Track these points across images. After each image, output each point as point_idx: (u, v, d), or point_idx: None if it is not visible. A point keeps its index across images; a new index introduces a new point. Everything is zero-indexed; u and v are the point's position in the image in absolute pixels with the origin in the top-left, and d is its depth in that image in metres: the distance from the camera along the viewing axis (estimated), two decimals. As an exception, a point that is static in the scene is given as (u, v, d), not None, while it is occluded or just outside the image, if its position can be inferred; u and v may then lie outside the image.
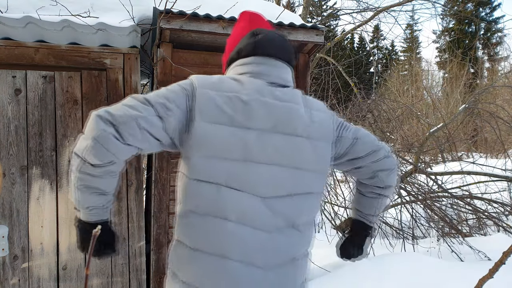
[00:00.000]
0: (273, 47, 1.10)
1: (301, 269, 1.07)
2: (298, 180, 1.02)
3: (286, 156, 1.00)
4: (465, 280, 2.43)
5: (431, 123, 8.01)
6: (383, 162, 1.18)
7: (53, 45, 2.43)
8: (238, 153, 0.96)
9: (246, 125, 0.98)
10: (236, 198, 0.96)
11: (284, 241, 1.00)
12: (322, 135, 1.08)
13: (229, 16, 2.61)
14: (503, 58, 19.31)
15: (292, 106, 1.04)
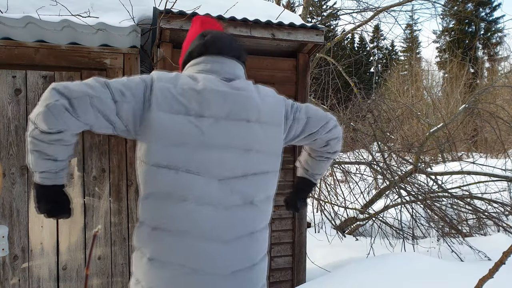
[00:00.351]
0: (221, 45, 1.19)
1: (260, 242, 1.16)
2: (253, 161, 1.12)
3: (240, 140, 1.10)
4: (465, 280, 2.42)
5: (431, 123, 8.00)
6: (333, 131, 1.34)
7: (53, 45, 2.43)
8: (194, 140, 1.05)
9: (201, 113, 1.07)
10: (194, 181, 1.05)
11: (242, 217, 1.10)
12: (273, 120, 1.18)
13: (229, 16, 2.61)
14: (503, 58, 19.31)
15: (246, 93, 1.14)
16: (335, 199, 6.45)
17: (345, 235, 5.61)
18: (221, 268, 1.07)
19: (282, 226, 3.05)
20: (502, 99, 12.63)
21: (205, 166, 1.06)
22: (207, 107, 1.08)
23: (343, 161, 5.96)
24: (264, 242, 1.20)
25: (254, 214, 1.14)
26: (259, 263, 1.16)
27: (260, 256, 1.17)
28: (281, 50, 3.06)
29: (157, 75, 1.10)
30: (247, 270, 1.11)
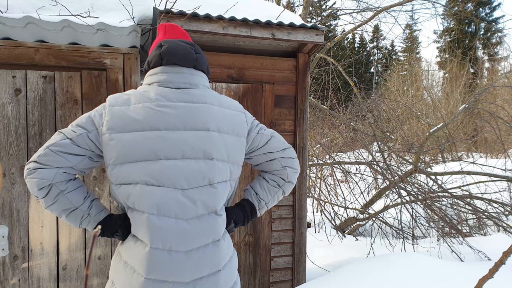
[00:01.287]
0: (176, 56, 1.23)
1: (224, 248, 1.20)
2: (214, 170, 1.16)
3: (199, 150, 1.15)
4: (465, 280, 2.42)
5: (431, 123, 8.00)
6: (292, 161, 1.37)
7: (53, 45, 2.43)
8: (151, 154, 1.12)
9: (156, 127, 1.13)
10: (156, 193, 1.11)
11: (205, 226, 1.15)
12: (234, 130, 1.23)
13: (229, 16, 2.61)
14: (503, 58, 19.29)
15: (200, 105, 1.19)
16: (335, 199, 6.45)
17: (345, 235, 5.61)
18: (183, 276, 1.12)
19: (282, 226, 3.05)
20: (502, 99, 12.63)
21: (166, 178, 1.12)
22: (162, 121, 1.13)
23: (343, 161, 5.96)
24: (227, 246, 1.24)
25: (217, 222, 1.18)
26: (224, 268, 1.20)
27: (225, 261, 1.21)
28: (281, 50, 3.06)
29: (111, 101, 1.18)
30: (212, 276, 1.16)
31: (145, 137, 1.12)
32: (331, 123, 8.72)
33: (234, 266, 1.27)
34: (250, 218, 1.38)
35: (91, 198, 1.23)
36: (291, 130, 3.04)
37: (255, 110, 2.93)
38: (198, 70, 1.28)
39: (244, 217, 1.36)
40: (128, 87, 2.61)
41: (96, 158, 1.19)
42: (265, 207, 1.41)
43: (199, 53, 1.30)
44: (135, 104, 1.16)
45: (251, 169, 2.94)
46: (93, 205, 1.22)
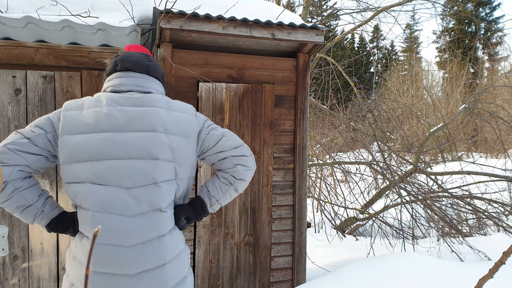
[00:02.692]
0: (129, 62, 1.34)
1: (171, 243, 1.26)
2: (160, 169, 1.23)
3: (144, 150, 1.22)
4: (465, 280, 2.42)
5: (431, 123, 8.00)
6: (243, 158, 1.40)
7: (53, 45, 2.43)
8: (97, 154, 1.20)
9: (100, 129, 1.21)
10: (102, 192, 1.19)
11: (149, 223, 1.21)
12: (182, 131, 1.29)
13: (229, 16, 2.61)
14: (503, 58, 19.28)
15: (149, 108, 1.27)
16: (335, 199, 6.45)
17: (345, 235, 5.61)
18: (128, 269, 1.18)
19: (282, 226, 3.05)
20: (502, 99, 12.63)
21: (112, 177, 1.20)
22: (109, 123, 1.22)
23: (343, 161, 5.96)
24: (176, 241, 1.29)
25: (161, 219, 1.24)
26: (170, 262, 1.25)
27: (171, 255, 1.26)
28: (281, 50, 3.06)
29: (66, 106, 1.27)
30: (157, 270, 1.22)
31: (93, 138, 1.20)
32: (331, 123, 8.72)
33: (183, 261, 1.32)
34: (202, 214, 1.43)
35: (46, 196, 1.30)
36: (291, 130, 3.04)
37: (255, 110, 2.93)
38: (151, 76, 1.38)
39: (195, 213, 1.40)
40: (128, 87, 2.61)
41: (52, 158, 1.26)
42: (217, 204, 1.45)
43: (152, 61, 1.41)
44: (87, 108, 1.25)
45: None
46: (47, 203, 1.29)
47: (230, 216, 2.91)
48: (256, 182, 2.96)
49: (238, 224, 2.93)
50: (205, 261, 2.85)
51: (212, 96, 2.82)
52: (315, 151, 7.84)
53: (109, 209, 1.19)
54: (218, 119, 2.85)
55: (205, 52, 2.81)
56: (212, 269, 2.87)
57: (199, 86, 2.78)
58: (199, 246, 2.82)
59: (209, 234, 2.85)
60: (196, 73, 2.73)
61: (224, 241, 2.90)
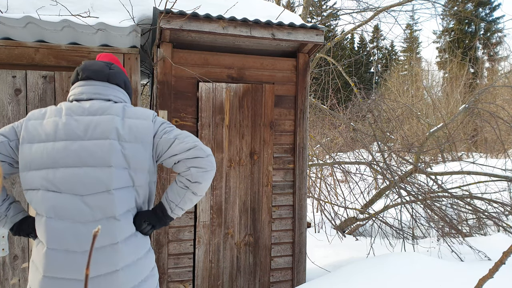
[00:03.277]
0: (89, 71, 1.38)
1: (124, 251, 1.26)
2: (111, 177, 1.24)
3: (98, 158, 1.24)
4: (465, 280, 2.42)
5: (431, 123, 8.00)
6: (197, 160, 1.34)
7: (53, 45, 2.43)
8: (49, 162, 1.23)
9: (57, 138, 1.25)
10: (55, 199, 1.22)
11: (102, 230, 1.22)
12: (136, 138, 1.31)
13: (229, 16, 2.61)
14: (503, 58, 19.28)
15: (104, 117, 1.30)
16: (335, 199, 6.45)
17: (345, 235, 5.61)
18: (79, 274, 1.21)
19: (282, 226, 3.05)
20: (502, 99, 12.63)
21: (65, 185, 1.23)
22: (66, 132, 1.26)
23: (343, 161, 5.96)
24: (134, 247, 1.30)
25: (115, 227, 1.25)
26: (124, 269, 1.26)
27: (126, 262, 1.27)
28: (281, 50, 3.06)
29: (30, 115, 1.33)
30: (108, 276, 1.23)
31: (50, 147, 1.25)
32: (331, 123, 8.72)
33: (143, 266, 1.33)
34: (164, 219, 1.42)
35: (10, 201, 1.34)
36: (291, 130, 3.04)
37: (255, 110, 2.93)
38: (112, 84, 1.41)
39: (157, 219, 1.40)
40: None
41: (16, 164, 1.30)
42: (177, 208, 1.41)
43: (114, 69, 1.44)
44: (48, 118, 1.30)
45: (251, 170, 2.94)
46: (11, 207, 1.34)
47: (230, 216, 2.91)
48: (256, 182, 2.96)
49: (238, 224, 2.93)
50: (205, 261, 2.85)
51: (212, 96, 2.82)
52: (315, 151, 7.85)
53: (62, 215, 1.22)
54: (218, 119, 2.85)
55: (205, 52, 2.81)
56: (212, 269, 2.87)
57: (199, 86, 2.78)
58: (199, 246, 2.82)
59: (209, 234, 2.85)
60: (196, 73, 2.73)
61: (224, 241, 2.90)
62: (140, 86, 3.42)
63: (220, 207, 2.87)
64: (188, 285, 2.80)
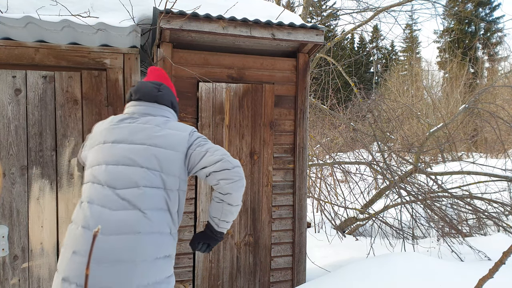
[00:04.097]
0: (140, 93, 1.61)
1: (146, 243, 1.38)
2: (142, 176, 1.42)
3: (133, 159, 1.44)
4: (465, 280, 2.42)
5: (431, 123, 8.00)
6: (225, 172, 1.47)
7: (53, 45, 2.43)
8: (99, 161, 1.47)
9: (108, 141, 1.50)
10: (95, 189, 1.43)
11: (127, 218, 1.37)
12: (171, 146, 1.48)
13: (229, 16, 2.61)
14: (503, 58, 19.27)
15: (146, 126, 1.51)
16: (335, 199, 6.45)
17: (345, 235, 5.61)
18: (101, 255, 1.33)
19: (282, 226, 3.05)
20: (502, 99, 12.63)
21: (105, 179, 1.43)
22: (112, 137, 1.50)
23: (343, 161, 5.96)
24: (153, 245, 1.40)
25: (138, 218, 1.39)
26: (142, 262, 1.36)
27: (144, 256, 1.36)
28: (281, 50, 3.06)
29: (97, 124, 1.63)
30: (127, 264, 1.33)
31: (100, 148, 1.50)
32: (331, 123, 8.73)
33: (159, 269, 1.41)
34: (214, 236, 1.58)
35: None
36: (291, 130, 3.04)
37: (255, 110, 2.93)
38: (160, 104, 1.61)
39: (208, 237, 1.59)
40: (128, 87, 2.61)
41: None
42: (222, 222, 1.55)
43: (162, 91, 1.63)
44: (106, 125, 1.56)
45: (251, 170, 2.94)
46: None
47: (230, 216, 2.91)
48: (256, 182, 2.96)
49: (238, 224, 2.93)
50: (205, 261, 2.85)
51: (212, 96, 2.82)
52: (315, 151, 7.84)
53: (98, 203, 1.40)
54: (218, 119, 2.85)
55: (205, 52, 2.81)
56: (212, 269, 2.87)
57: (199, 86, 2.78)
58: (199, 246, 2.82)
59: (209, 234, 2.85)
60: (196, 73, 2.73)
61: (224, 241, 2.90)
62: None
63: (220, 207, 2.87)
64: (188, 285, 2.80)
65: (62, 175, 2.47)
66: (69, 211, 2.49)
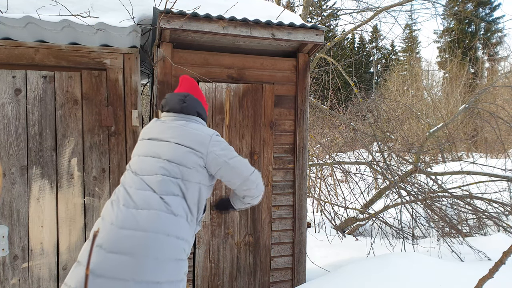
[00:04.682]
0: (169, 106, 1.87)
1: (164, 220, 1.58)
2: (164, 167, 1.67)
3: (158, 153, 1.71)
4: (465, 280, 2.43)
5: (431, 123, 8.00)
6: (249, 191, 1.82)
7: (53, 45, 2.43)
8: (138, 153, 1.77)
9: (145, 138, 1.81)
10: (130, 176, 1.70)
11: (150, 198, 1.61)
12: (186, 142, 1.72)
13: (229, 16, 2.61)
14: (503, 58, 19.26)
15: (171, 125, 1.78)
16: (335, 199, 6.45)
17: (345, 235, 5.61)
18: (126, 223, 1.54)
19: (282, 226, 3.05)
20: (502, 99, 12.63)
21: (138, 168, 1.71)
22: (147, 135, 1.80)
23: (343, 161, 5.96)
24: (169, 223, 1.59)
25: (159, 200, 1.61)
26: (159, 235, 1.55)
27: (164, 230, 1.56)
28: (281, 50, 3.06)
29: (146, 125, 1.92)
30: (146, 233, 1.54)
31: (138, 144, 1.84)
32: (331, 123, 8.72)
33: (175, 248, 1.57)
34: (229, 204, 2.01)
35: None
36: (291, 130, 3.04)
37: (255, 110, 2.93)
38: (186, 114, 1.86)
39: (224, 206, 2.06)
40: (128, 87, 2.61)
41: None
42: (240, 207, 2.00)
43: (187, 103, 1.87)
44: (150, 126, 1.87)
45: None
46: None
47: (230, 216, 2.91)
48: (256, 182, 2.96)
49: (238, 224, 2.93)
50: (205, 261, 2.85)
51: (212, 96, 2.82)
52: (315, 151, 7.84)
53: (134, 186, 1.65)
54: (218, 119, 2.85)
55: (205, 52, 2.81)
56: (212, 269, 2.87)
57: (199, 86, 2.78)
58: (199, 246, 2.82)
59: (209, 234, 2.85)
60: (196, 73, 2.73)
61: (224, 241, 2.90)
62: (140, 86, 3.42)
63: (220, 207, 2.88)
64: (188, 285, 2.80)
65: (62, 175, 2.47)
66: (69, 211, 2.49)
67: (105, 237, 1.51)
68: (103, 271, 1.42)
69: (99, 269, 1.42)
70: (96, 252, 1.46)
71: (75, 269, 1.50)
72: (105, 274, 1.42)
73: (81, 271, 1.46)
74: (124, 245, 1.48)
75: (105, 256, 1.45)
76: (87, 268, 0.42)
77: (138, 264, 1.45)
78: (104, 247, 1.48)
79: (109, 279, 1.41)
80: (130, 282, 1.42)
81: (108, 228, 1.54)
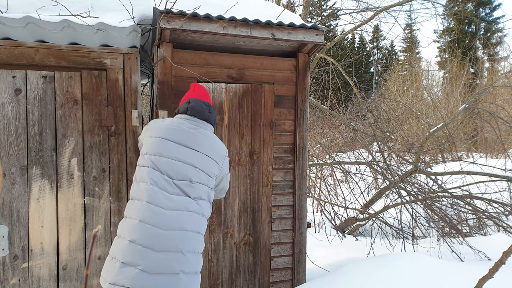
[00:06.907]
0: (195, 111, 2.08)
1: (194, 218, 1.86)
2: (196, 175, 1.92)
3: (186, 158, 1.92)
4: (465, 280, 2.43)
5: (431, 123, 8.00)
6: (221, 195, 2.31)
7: (53, 45, 2.43)
8: (162, 153, 1.91)
9: (167, 138, 1.95)
10: (157, 176, 1.86)
11: (180, 200, 1.85)
12: (212, 154, 2.01)
13: (229, 16, 2.61)
14: (503, 58, 19.25)
15: (197, 134, 2.00)
16: (335, 199, 6.45)
17: (345, 235, 5.61)
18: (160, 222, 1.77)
19: (282, 226, 3.05)
20: (502, 99, 12.63)
21: (166, 169, 1.87)
22: (171, 135, 1.95)
23: (343, 161, 5.96)
24: (192, 221, 1.86)
25: (190, 202, 1.87)
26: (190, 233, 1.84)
27: (190, 228, 1.84)
28: (281, 50, 3.06)
29: (155, 120, 2.12)
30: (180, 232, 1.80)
31: (159, 141, 1.95)
32: (331, 123, 8.72)
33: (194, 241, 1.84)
34: None
35: None
36: (291, 130, 3.04)
37: (255, 110, 2.93)
38: (207, 123, 2.10)
39: None
40: (128, 87, 2.61)
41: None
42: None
43: (211, 113, 2.13)
44: (164, 123, 2.02)
45: (251, 169, 2.94)
46: None
47: (230, 215, 2.91)
48: (256, 182, 2.96)
49: (237, 223, 2.93)
50: (205, 260, 2.85)
51: (212, 96, 2.82)
52: (315, 151, 7.84)
53: (158, 186, 1.83)
54: (217, 119, 2.85)
55: (205, 52, 2.81)
56: (212, 268, 2.87)
57: (199, 86, 2.78)
58: (199, 246, 2.82)
59: (209, 234, 2.85)
60: (196, 73, 2.73)
61: (223, 240, 2.90)
62: (140, 86, 3.41)
63: (219, 207, 2.88)
64: (188, 285, 2.80)
65: (62, 175, 2.47)
66: (69, 211, 2.49)
67: (150, 239, 1.73)
68: (158, 269, 1.69)
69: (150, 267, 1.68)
70: (144, 253, 1.69)
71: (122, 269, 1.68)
72: (162, 271, 1.69)
73: (130, 269, 1.67)
74: (169, 244, 1.74)
75: (154, 256, 1.70)
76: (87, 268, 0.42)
77: (183, 258, 1.76)
78: (152, 247, 1.71)
79: (164, 275, 1.69)
80: (180, 274, 1.73)
81: (152, 230, 1.75)
